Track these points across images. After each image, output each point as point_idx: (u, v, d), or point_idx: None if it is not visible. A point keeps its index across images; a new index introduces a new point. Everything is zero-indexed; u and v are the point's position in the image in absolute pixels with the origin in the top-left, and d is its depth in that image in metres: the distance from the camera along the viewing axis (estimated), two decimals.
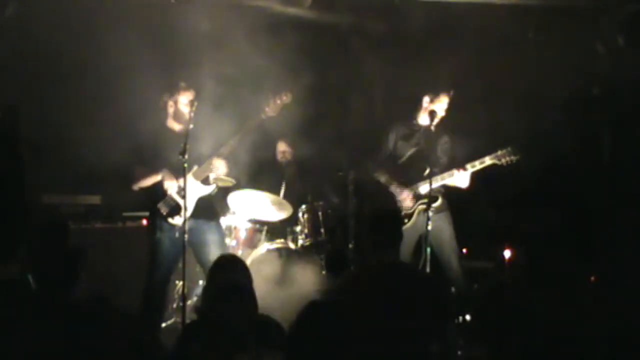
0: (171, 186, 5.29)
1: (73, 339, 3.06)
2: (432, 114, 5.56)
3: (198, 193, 5.36)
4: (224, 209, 6.32)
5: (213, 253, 5.21)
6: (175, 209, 5.28)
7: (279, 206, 6.37)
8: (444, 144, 5.80)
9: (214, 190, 5.47)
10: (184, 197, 5.04)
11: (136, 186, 5.38)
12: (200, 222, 5.37)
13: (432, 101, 5.69)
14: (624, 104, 6.83)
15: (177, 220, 5.26)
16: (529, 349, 2.61)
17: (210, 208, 5.50)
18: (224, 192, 6.12)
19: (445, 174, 5.63)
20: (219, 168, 5.33)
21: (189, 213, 5.20)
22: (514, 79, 6.75)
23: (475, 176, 5.66)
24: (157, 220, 5.33)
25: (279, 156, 6.98)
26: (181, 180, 5.10)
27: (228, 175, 5.52)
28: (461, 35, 6.74)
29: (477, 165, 5.61)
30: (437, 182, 5.57)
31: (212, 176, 5.43)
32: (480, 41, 6.64)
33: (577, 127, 6.83)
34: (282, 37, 6.35)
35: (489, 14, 6.60)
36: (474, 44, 6.64)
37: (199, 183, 5.36)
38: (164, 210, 5.30)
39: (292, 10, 6.69)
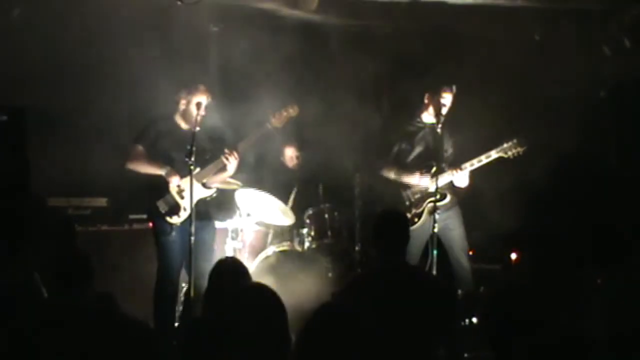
0: (173, 184, 5.31)
1: (80, 341, 3.06)
2: (436, 111, 5.56)
3: (197, 195, 5.32)
4: (231, 211, 6.32)
5: (200, 253, 5.20)
6: (175, 208, 5.33)
7: (284, 213, 6.37)
8: (451, 140, 5.79)
9: (213, 193, 5.48)
10: (189, 197, 5.07)
11: (130, 166, 5.37)
12: (195, 223, 5.29)
13: (432, 97, 5.66)
14: (631, 107, 6.81)
15: (174, 220, 5.32)
16: (535, 352, 2.60)
17: (207, 210, 5.48)
18: (230, 194, 6.13)
19: (445, 174, 5.62)
20: (229, 170, 5.37)
21: (186, 214, 5.26)
22: (520, 82, 6.73)
23: (475, 176, 5.66)
24: (158, 220, 5.36)
25: (289, 162, 6.97)
26: (182, 180, 5.24)
27: (234, 177, 5.52)
28: (467, 37, 6.73)
29: (483, 159, 5.59)
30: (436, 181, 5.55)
31: (218, 178, 5.44)
32: (486, 43, 6.63)
33: (583, 129, 6.80)
34: (286, 39, 6.35)
35: (495, 16, 6.59)
36: (480, 46, 6.63)
37: (199, 185, 5.35)
38: (162, 208, 5.34)
39: (297, 13, 6.69)
